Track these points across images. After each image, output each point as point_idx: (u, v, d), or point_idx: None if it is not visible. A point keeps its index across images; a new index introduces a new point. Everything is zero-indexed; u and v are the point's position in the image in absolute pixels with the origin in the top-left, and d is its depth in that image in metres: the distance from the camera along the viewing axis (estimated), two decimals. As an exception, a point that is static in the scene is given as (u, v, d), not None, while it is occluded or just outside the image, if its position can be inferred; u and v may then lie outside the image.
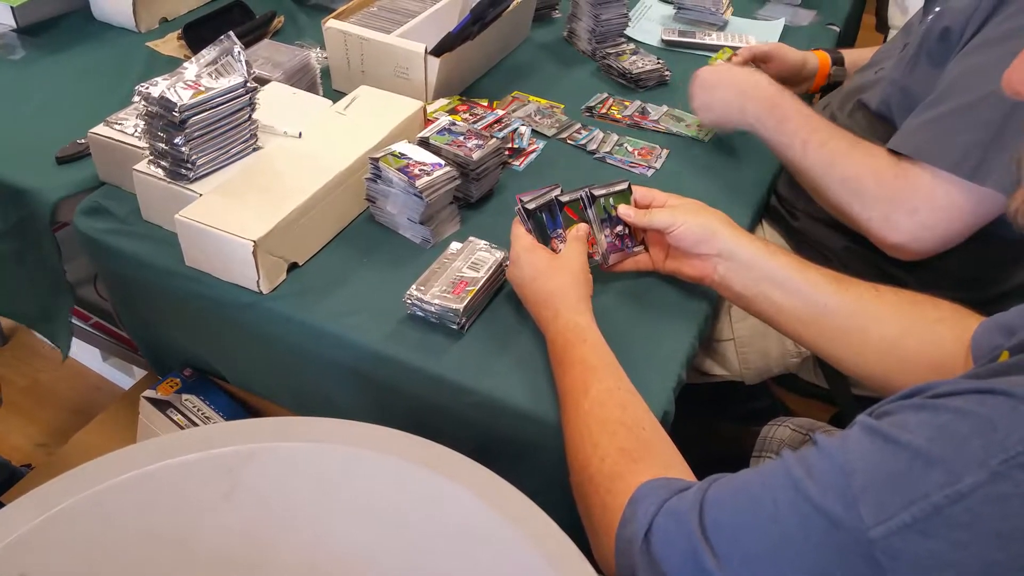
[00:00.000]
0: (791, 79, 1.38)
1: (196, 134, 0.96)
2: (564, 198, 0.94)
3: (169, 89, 0.93)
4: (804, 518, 0.51)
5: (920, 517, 0.46)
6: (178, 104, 0.93)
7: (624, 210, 0.95)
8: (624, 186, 0.97)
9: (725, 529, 0.56)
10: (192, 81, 0.96)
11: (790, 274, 0.86)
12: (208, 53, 1.00)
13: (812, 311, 0.85)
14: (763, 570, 0.53)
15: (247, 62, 1.00)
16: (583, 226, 0.93)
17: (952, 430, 0.47)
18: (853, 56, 1.41)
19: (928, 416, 0.49)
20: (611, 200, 0.96)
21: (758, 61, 1.34)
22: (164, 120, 0.95)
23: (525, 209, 0.92)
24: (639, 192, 0.97)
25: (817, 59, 1.40)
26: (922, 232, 0.96)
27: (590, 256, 0.93)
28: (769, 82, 1.12)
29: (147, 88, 0.94)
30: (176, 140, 0.95)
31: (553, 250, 0.92)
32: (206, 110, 0.96)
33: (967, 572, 0.45)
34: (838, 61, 1.41)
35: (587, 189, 0.95)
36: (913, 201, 0.96)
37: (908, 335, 0.81)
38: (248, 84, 0.99)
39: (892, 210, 0.97)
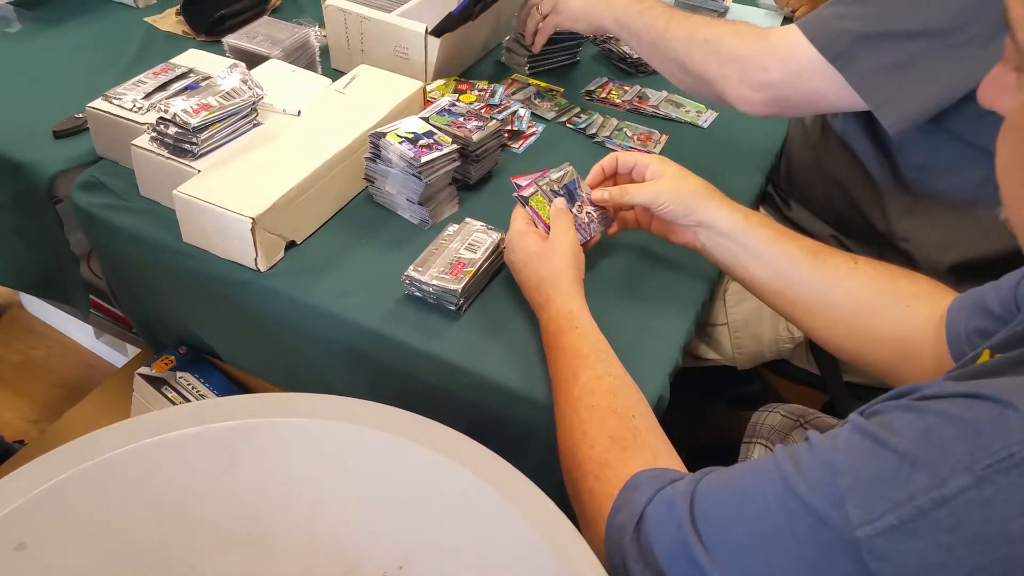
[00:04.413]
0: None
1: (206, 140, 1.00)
2: (525, 193, 0.93)
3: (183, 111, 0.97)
4: (792, 514, 0.52)
5: (906, 519, 0.47)
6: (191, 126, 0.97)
7: (599, 193, 0.93)
8: (569, 168, 0.96)
9: (715, 521, 0.56)
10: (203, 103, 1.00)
11: (767, 246, 0.86)
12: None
13: (785, 283, 0.86)
14: (751, 563, 0.54)
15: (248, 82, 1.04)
16: (561, 200, 0.92)
17: (938, 433, 0.48)
18: None
19: (915, 418, 0.50)
20: (553, 186, 0.94)
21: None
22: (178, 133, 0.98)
23: (521, 197, 0.92)
24: (622, 158, 0.95)
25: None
26: (766, 91, 0.98)
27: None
28: None
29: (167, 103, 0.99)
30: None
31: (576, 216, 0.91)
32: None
33: (952, 574, 0.46)
34: None
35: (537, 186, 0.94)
36: (770, 60, 0.97)
37: (881, 312, 0.82)
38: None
39: (747, 68, 0.98)
